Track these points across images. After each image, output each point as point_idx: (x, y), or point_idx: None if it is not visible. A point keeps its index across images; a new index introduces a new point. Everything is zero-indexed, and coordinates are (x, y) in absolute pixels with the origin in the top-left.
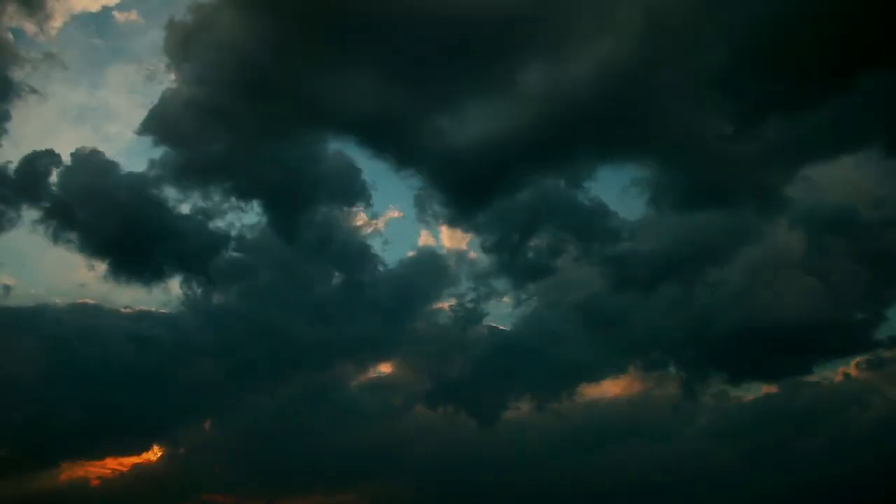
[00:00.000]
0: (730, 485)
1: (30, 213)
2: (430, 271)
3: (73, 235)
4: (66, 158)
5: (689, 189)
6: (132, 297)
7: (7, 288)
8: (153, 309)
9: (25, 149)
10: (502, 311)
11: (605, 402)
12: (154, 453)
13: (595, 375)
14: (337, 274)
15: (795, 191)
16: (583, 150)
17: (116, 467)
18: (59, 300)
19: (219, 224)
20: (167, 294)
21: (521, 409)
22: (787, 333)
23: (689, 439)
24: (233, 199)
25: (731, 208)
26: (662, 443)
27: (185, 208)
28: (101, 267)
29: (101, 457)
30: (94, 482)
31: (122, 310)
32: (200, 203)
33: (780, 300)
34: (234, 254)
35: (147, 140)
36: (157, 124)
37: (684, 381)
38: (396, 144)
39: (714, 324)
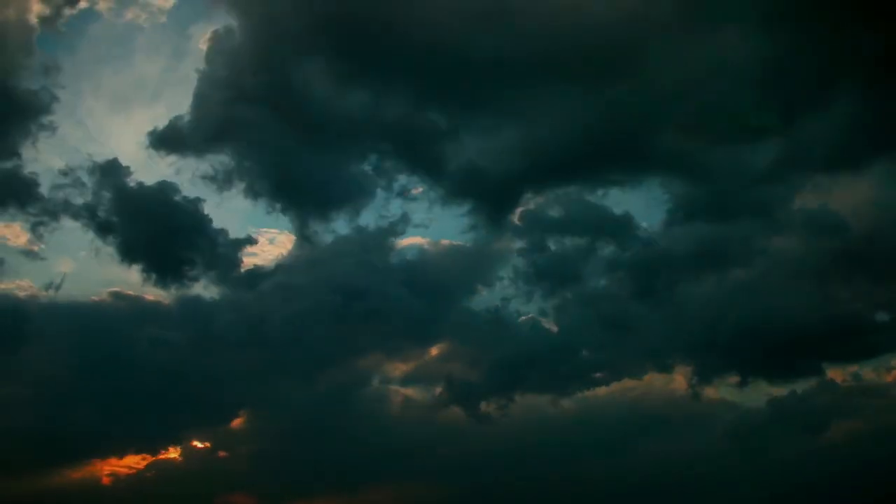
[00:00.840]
0: (738, 486)
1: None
2: (453, 274)
3: (103, 243)
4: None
5: (708, 200)
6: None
7: (61, 278)
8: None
9: (95, 127)
10: (520, 314)
11: (617, 401)
12: (174, 451)
13: (609, 376)
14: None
15: (807, 199)
16: (608, 166)
17: (133, 465)
18: (102, 291)
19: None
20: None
21: (532, 406)
22: (797, 335)
23: (699, 440)
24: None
25: (746, 216)
26: (675, 443)
27: (215, 212)
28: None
29: (121, 454)
30: (106, 480)
31: (164, 301)
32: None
33: (792, 303)
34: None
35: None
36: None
37: (696, 382)
38: (430, 156)
39: (726, 326)
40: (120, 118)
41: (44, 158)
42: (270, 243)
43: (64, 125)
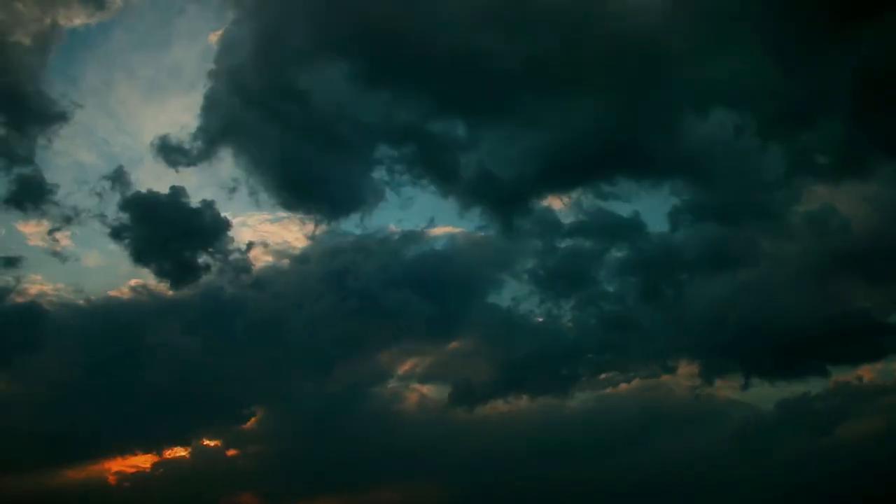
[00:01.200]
0: (740, 486)
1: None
2: (462, 273)
3: (115, 247)
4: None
5: (714, 203)
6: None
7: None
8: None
9: (126, 116)
10: (532, 314)
11: (623, 401)
12: (182, 450)
13: (616, 376)
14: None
15: (813, 201)
16: (616, 170)
17: (139, 465)
18: (120, 287)
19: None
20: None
21: (540, 406)
22: (802, 336)
23: (701, 440)
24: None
25: (753, 220)
26: (678, 443)
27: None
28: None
29: (131, 453)
30: (112, 479)
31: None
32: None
33: (797, 304)
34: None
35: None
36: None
37: (700, 383)
38: (443, 161)
39: (730, 327)
40: (151, 110)
41: (71, 151)
42: (298, 229)
43: (92, 118)
